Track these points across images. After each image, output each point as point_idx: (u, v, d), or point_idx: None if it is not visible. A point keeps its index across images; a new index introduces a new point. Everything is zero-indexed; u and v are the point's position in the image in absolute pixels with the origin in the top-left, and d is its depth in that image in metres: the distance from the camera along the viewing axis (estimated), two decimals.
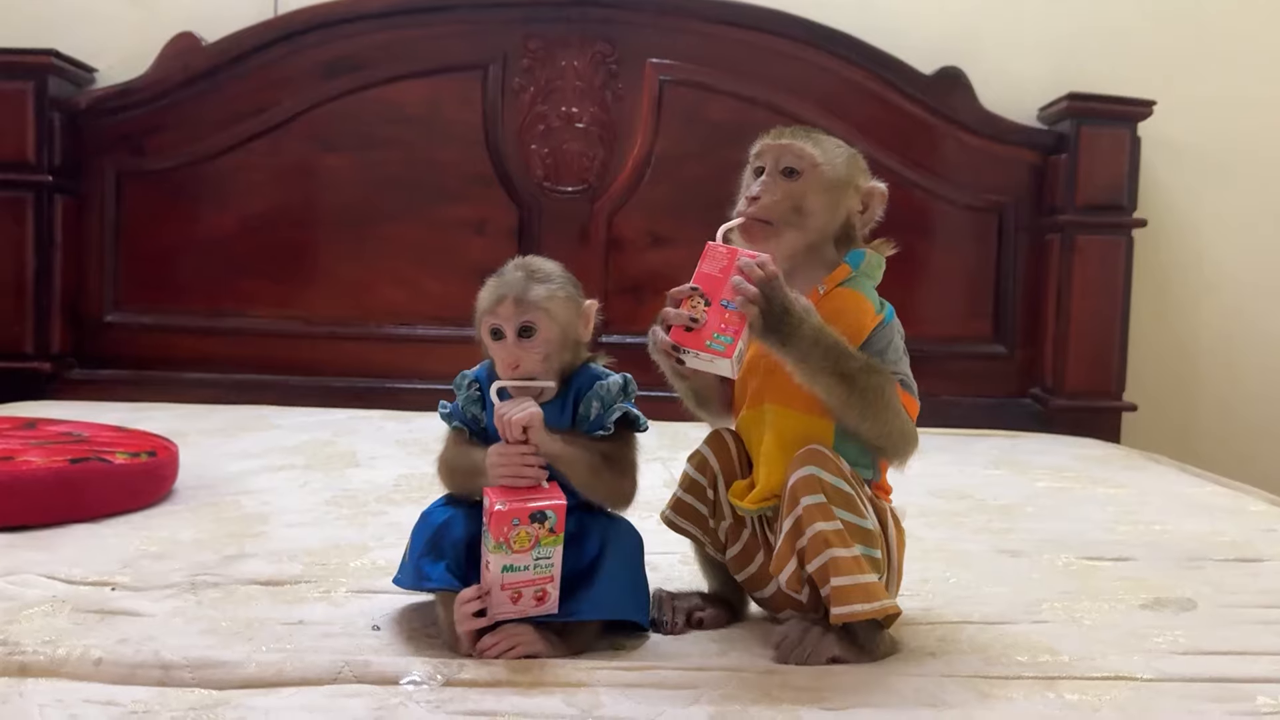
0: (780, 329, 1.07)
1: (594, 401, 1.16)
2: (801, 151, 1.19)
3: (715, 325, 1.08)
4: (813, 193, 1.19)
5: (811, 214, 1.19)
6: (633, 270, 2.87)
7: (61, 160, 2.77)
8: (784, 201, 1.18)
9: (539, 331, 1.14)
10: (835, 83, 2.90)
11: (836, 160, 1.21)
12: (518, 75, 2.88)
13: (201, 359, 2.84)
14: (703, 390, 1.24)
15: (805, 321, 1.08)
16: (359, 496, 1.82)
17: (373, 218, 2.87)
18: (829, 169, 1.20)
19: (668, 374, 1.20)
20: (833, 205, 1.20)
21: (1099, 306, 2.86)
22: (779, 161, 1.20)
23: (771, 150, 1.21)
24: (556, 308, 1.15)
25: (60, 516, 1.56)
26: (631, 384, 1.18)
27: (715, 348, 1.08)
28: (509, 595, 1.08)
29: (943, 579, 1.44)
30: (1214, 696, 1.05)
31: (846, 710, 0.99)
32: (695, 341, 1.08)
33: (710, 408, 1.26)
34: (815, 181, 1.19)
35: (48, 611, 1.18)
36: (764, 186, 1.19)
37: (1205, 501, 2.02)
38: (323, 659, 1.05)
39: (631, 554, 1.18)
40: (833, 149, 1.21)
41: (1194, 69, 3.05)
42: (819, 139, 1.21)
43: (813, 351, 1.08)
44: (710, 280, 1.10)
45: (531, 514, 1.07)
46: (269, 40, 2.85)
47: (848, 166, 1.21)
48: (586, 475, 1.13)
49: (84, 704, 0.95)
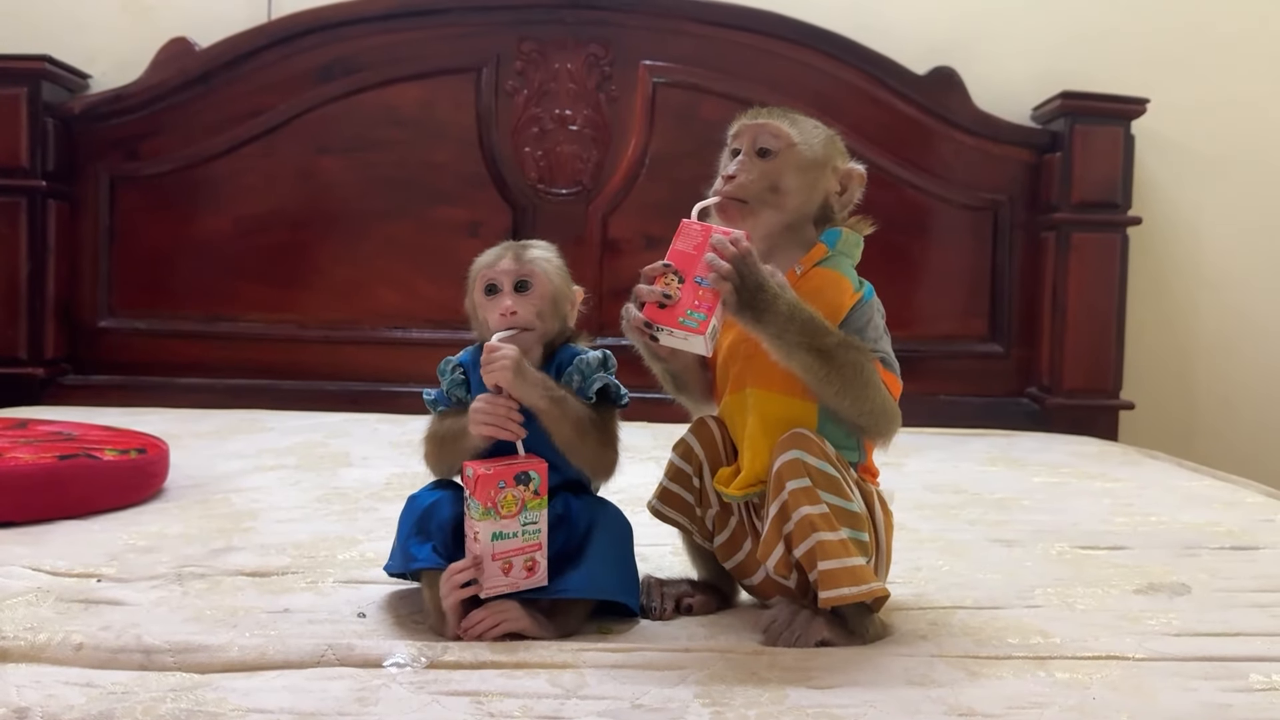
0: (755, 304, 1.06)
1: (575, 375, 1.16)
2: (778, 131, 1.19)
3: (689, 302, 1.07)
4: (789, 172, 1.18)
5: (788, 193, 1.18)
6: (627, 272, 2.81)
7: (55, 165, 2.77)
8: (760, 181, 1.17)
9: (534, 287, 1.16)
10: (829, 83, 2.90)
11: (814, 140, 1.20)
12: (511, 77, 2.88)
13: (196, 364, 2.83)
14: (681, 373, 1.23)
15: (780, 297, 1.07)
16: (350, 494, 1.81)
17: (367, 220, 2.87)
18: (805, 149, 1.19)
19: (644, 354, 1.19)
20: (809, 185, 1.19)
21: (1095, 304, 2.86)
22: (755, 141, 1.19)
23: (748, 130, 1.20)
24: (552, 270, 1.18)
25: (49, 513, 1.55)
26: (611, 359, 1.18)
27: (688, 324, 1.07)
28: (500, 566, 1.07)
29: (935, 567, 1.43)
30: (1206, 674, 1.04)
31: (834, 689, 0.98)
32: (668, 318, 1.08)
33: (689, 392, 1.25)
34: (791, 161, 1.18)
35: (31, 601, 1.17)
36: (740, 166, 1.18)
37: (1202, 494, 2.01)
38: (306, 643, 1.04)
39: (620, 537, 1.17)
40: (810, 129, 1.20)
41: (1187, 67, 3.05)
42: (796, 119, 1.20)
43: (788, 327, 1.07)
44: (684, 257, 1.09)
45: (516, 475, 1.07)
46: (262, 44, 2.85)
47: (825, 147, 1.21)
48: (570, 432, 1.13)
49: (63, 686, 0.95)
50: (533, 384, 1.11)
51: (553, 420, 1.12)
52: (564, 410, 1.12)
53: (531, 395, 1.11)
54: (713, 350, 1.12)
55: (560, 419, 1.12)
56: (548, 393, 1.12)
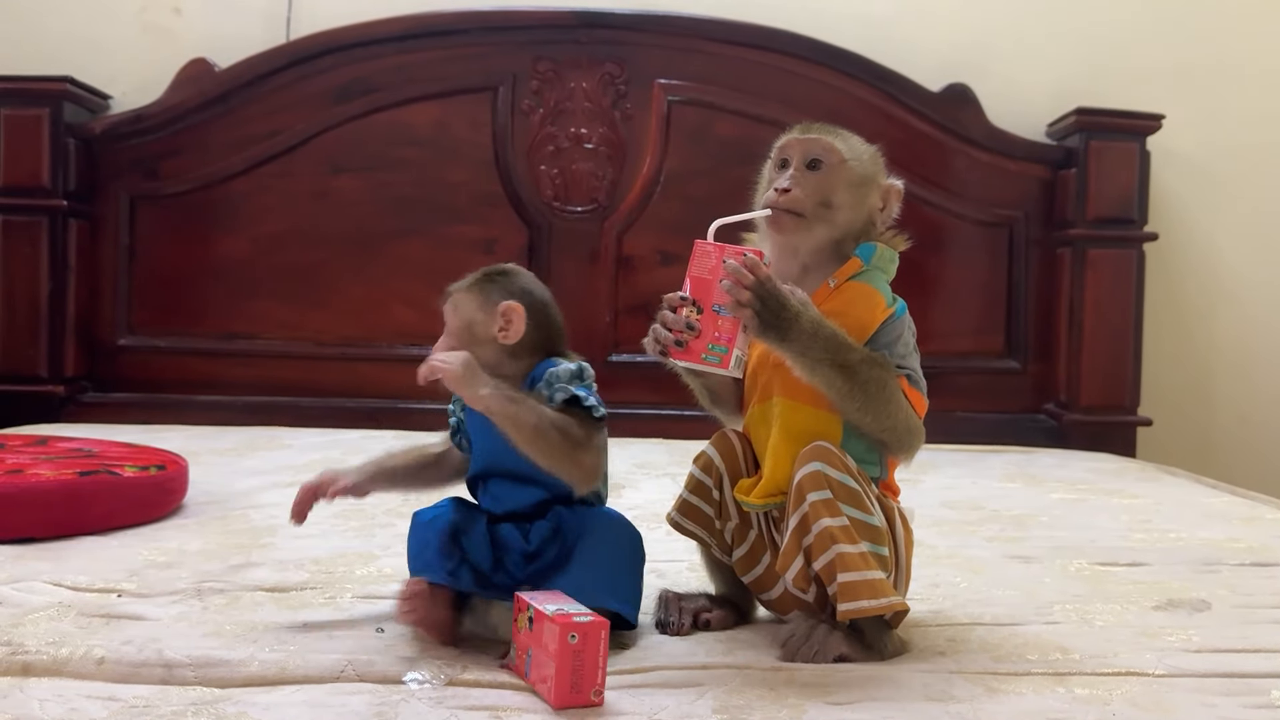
0: (777, 325, 1.07)
1: (543, 387, 1.16)
2: (830, 146, 1.19)
3: (709, 334, 1.08)
4: (840, 188, 1.18)
5: (840, 209, 1.18)
6: (642, 289, 2.87)
7: (76, 185, 2.80)
8: (814, 195, 1.17)
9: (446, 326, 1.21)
10: (843, 100, 2.91)
11: (863, 156, 1.21)
12: (527, 96, 2.90)
13: (214, 381, 2.85)
14: (715, 388, 1.24)
15: (802, 315, 1.07)
16: (367, 510, 1.81)
17: (383, 239, 2.89)
18: (856, 164, 1.20)
19: (680, 371, 1.20)
20: (859, 201, 1.20)
21: (1111, 320, 2.85)
22: (806, 155, 1.19)
23: (798, 144, 1.20)
24: (464, 300, 1.21)
25: (69, 528, 1.56)
26: (587, 371, 1.18)
27: (711, 360, 1.08)
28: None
29: (953, 583, 1.43)
30: (1227, 691, 1.03)
31: (853, 705, 0.98)
32: (692, 355, 1.09)
33: (724, 405, 1.25)
34: (843, 176, 1.19)
35: (53, 616, 1.18)
36: (794, 179, 1.18)
37: (1221, 510, 2.00)
38: (326, 658, 1.05)
39: (615, 544, 1.17)
40: (858, 145, 1.21)
41: (1201, 83, 3.05)
42: (844, 135, 1.21)
43: (812, 344, 1.07)
44: (701, 285, 1.10)
45: None
46: (281, 65, 2.88)
47: (872, 163, 1.22)
48: (530, 434, 1.11)
49: (85, 700, 0.95)
50: (482, 385, 1.11)
51: (508, 422, 1.11)
52: (519, 411, 1.11)
53: (481, 399, 1.11)
54: (743, 371, 1.12)
55: (515, 420, 1.11)
56: (499, 395, 1.11)
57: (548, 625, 0.97)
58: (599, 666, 0.97)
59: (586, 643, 0.96)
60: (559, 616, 0.97)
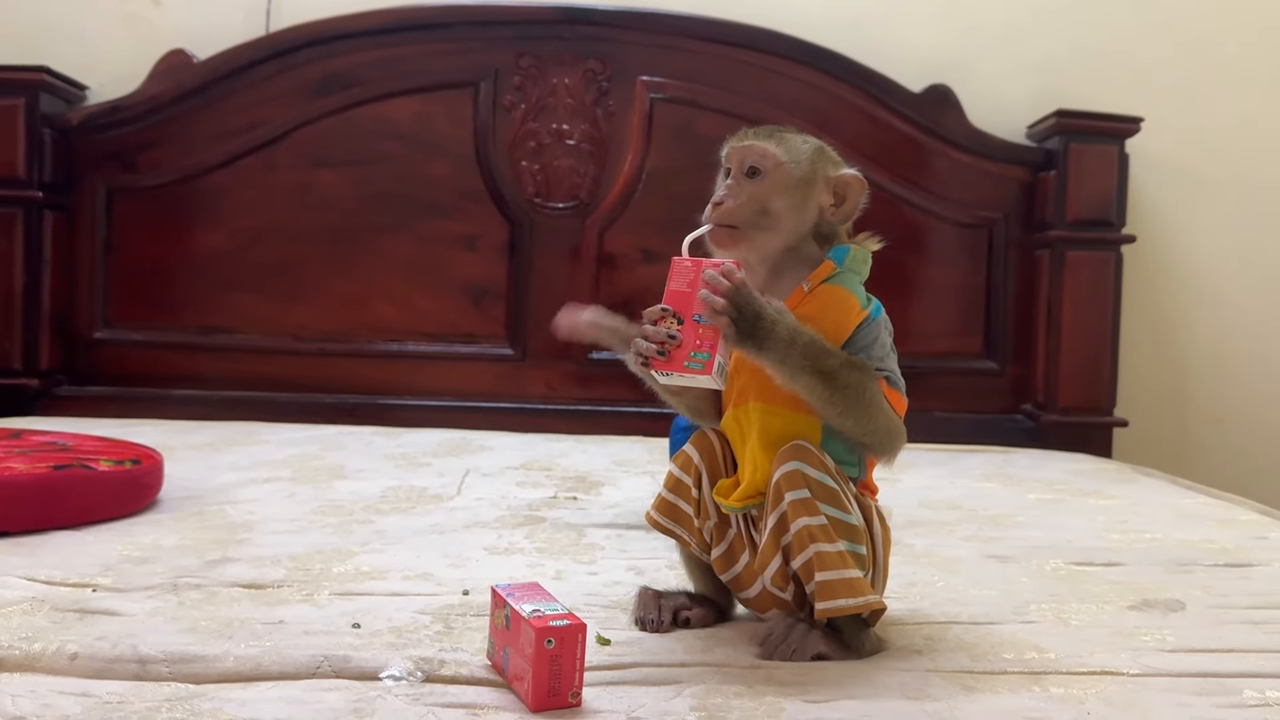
0: (754, 334, 1.06)
1: None
2: (765, 151, 1.18)
3: (690, 343, 1.08)
4: (778, 193, 1.17)
5: (779, 215, 1.18)
6: (624, 286, 2.86)
7: (52, 176, 2.78)
8: (749, 204, 1.17)
9: None
10: (825, 100, 2.92)
11: (801, 157, 1.19)
12: (509, 92, 2.89)
13: (191, 375, 2.83)
14: (696, 405, 1.24)
15: (779, 323, 1.07)
16: (346, 506, 1.80)
17: (364, 234, 2.87)
18: (793, 167, 1.18)
19: (658, 391, 1.20)
20: (800, 204, 1.19)
21: (1090, 322, 2.87)
22: (744, 163, 1.19)
23: (736, 153, 1.20)
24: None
25: (43, 523, 1.55)
26: None
27: (693, 366, 1.08)
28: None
29: (930, 583, 1.43)
30: (1201, 690, 1.04)
31: (830, 703, 0.98)
32: (674, 364, 1.09)
33: (707, 417, 1.25)
34: (779, 181, 1.18)
35: (26, 610, 1.17)
36: (728, 190, 1.18)
37: (1196, 511, 2.02)
38: (302, 654, 1.04)
39: None
40: (797, 146, 1.20)
41: (1181, 86, 3.07)
42: (783, 137, 1.20)
43: (790, 352, 1.07)
44: (680, 297, 1.10)
45: None
46: (261, 57, 2.86)
47: (813, 162, 1.20)
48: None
49: (58, 695, 0.94)
50: None
51: None
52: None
53: None
54: (724, 384, 1.13)
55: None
56: None
57: (524, 627, 0.97)
58: (577, 669, 0.96)
59: (564, 647, 0.96)
60: (535, 620, 0.97)
